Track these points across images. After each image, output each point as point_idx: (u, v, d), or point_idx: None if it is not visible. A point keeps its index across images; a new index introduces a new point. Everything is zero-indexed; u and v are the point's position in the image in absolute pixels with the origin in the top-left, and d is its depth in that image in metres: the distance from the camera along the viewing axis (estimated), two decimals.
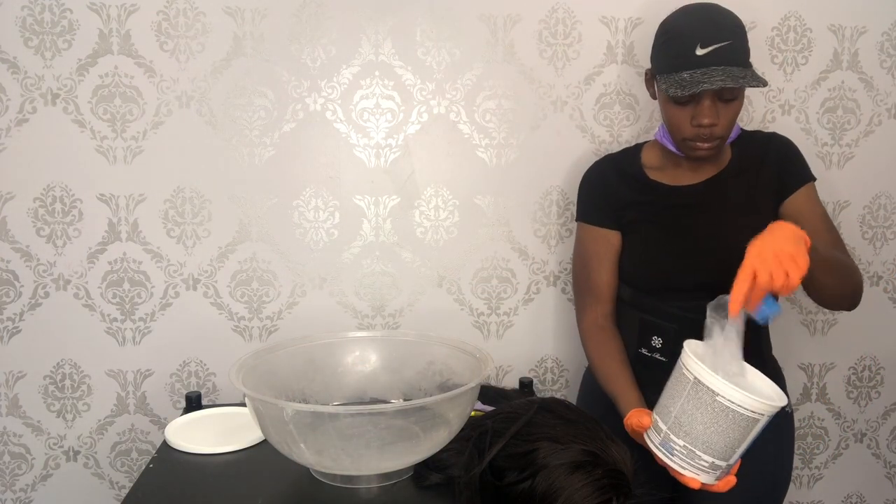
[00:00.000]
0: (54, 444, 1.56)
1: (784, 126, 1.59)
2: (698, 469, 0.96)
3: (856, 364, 1.73)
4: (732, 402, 0.91)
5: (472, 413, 1.10)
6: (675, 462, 0.97)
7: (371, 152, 1.53)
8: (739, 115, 1.57)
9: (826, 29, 1.58)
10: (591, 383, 1.35)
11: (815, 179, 1.27)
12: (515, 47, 1.53)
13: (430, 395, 1.04)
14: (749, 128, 1.54)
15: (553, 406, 1.05)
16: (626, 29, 1.54)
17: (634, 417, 1.07)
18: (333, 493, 1.05)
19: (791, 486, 1.76)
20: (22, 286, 1.49)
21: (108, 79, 1.45)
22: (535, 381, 1.57)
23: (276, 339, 1.54)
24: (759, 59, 1.56)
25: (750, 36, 1.19)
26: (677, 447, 0.96)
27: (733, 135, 1.26)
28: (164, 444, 1.22)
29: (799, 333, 1.70)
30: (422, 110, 1.53)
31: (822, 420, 1.74)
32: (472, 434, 1.05)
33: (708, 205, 1.25)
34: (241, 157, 1.50)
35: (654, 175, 1.30)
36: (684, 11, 1.20)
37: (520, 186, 1.57)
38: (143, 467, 1.22)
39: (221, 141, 1.49)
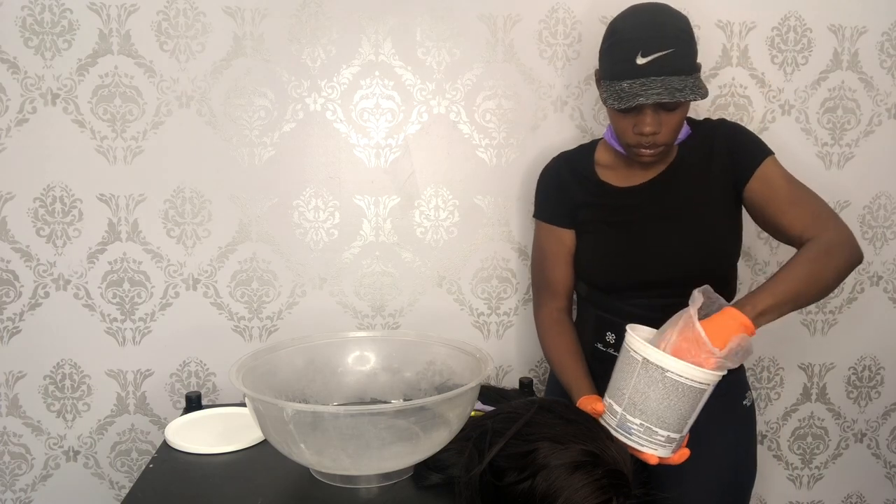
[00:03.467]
0: (54, 444, 1.56)
1: (784, 126, 1.59)
2: (656, 445, 1.00)
3: (856, 364, 1.73)
4: (681, 376, 0.96)
5: (472, 413, 1.10)
6: (633, 441, 1.01)
7: (371, 152, 1.53)
8: (735, 115, 1.57)
9: (826, 29, 1.58)
10: (556, 381, 1.36)
11: (771, 154, 1.21)
12: (515, 47, 1.53)
13: (430, 396, 1.04)
14: (749, 128, 1.54)
15: (553, 406, 1.05)
16: None
17: (588, 405, 1.09)
18: (333, 493, 1.05)
19: (791, 485, 1.76)
20: (22, 286, 1.49)
21: (108, 79, 1.45)
22: (535, 381, 1.57)
23: (276, 339, 1.54)
24: (760, 59, 1.56)
25: (750, 36, 1.18)
26: (634, 426, 1.00)
27: (682, 135, 1.23)
28: (164, 444, 1.22)
29: (799, 333, 1.70)
30: (422, 110, 1.53)
31: (822, 420, 1.74)
32: (472, 434, 1.05)
33: (657, 204, 1.24)
34: (241, 157, 1.50)
35: (605, 175, 1.29)
36: (632, 12, 1.17)
37: (520, 186, 1.57)
38: (143, 467, 1.22)
39: (221, 141, 1.49)
